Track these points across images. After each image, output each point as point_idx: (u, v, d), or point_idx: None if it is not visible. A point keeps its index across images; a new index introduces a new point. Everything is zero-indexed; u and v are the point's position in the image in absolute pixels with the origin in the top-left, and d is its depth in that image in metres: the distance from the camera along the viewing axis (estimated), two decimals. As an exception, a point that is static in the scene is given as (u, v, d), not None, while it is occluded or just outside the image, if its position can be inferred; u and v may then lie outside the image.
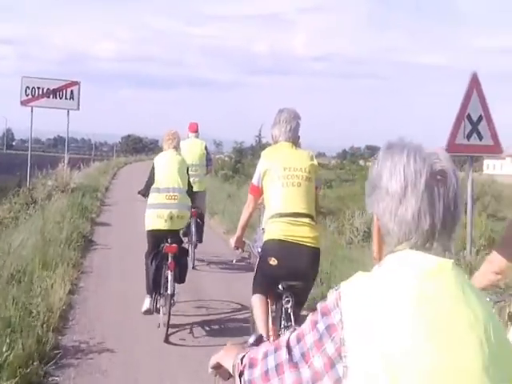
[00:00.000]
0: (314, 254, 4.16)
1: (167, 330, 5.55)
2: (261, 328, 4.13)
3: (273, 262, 4.09)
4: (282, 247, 4.11)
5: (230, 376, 1.55)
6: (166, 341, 5.52)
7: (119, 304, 6.75)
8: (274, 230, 4.16)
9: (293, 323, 3.97)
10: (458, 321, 1.23)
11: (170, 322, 5.64)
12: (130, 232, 10.29)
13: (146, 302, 5.97)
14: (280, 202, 4.17)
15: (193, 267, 8.33)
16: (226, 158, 34.23)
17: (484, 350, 1.22)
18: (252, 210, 4.55)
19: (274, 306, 4.34)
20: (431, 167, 1.30)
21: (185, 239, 8.77)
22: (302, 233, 4.11)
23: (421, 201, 1.29)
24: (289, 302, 4.11)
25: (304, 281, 4.16)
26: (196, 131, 9.47)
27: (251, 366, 1.41)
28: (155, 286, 5.87)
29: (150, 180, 6.14)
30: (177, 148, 6.37)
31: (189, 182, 6.29)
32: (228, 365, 1.53)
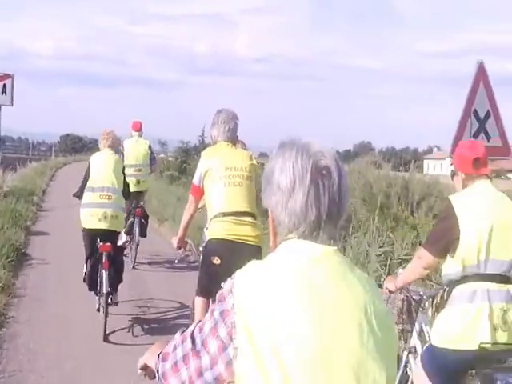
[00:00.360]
0: (257, 252, 4.18)
1: (105, 329, 5.59)
2: None
3: (216, 261, 4.13)
4: (224, 246, 4.16)
5: (155, 376, 1.59)
6: (106, 340, 5.57)
7: (59, 335, 5.72)
8: (216, 229, 4.23)
9: None
10: (341, 305, 1.37)
11: (112, 322, 5.71)
12: (70, 241, 8.73)
13: (96, 301, 6.02)
14: (222, 202, 4.25)
15: (133, 267, 8.37)
16: (171, 158, 33.56)
17: (364, 331, 1.36)
18: (193, 211, 4.58)
19: None
20: (317, 163, 1.42)
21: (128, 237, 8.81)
22: (244, 232, 4.19)
23: (307, 194, 1.41)
24: None
25: None
26: (139, 130, 9.31)
27: (164, 359, 1.51)
28: (92, 286, 5.92)
29: (86, 179, 6.09)
30: (112, 147, 6.30)
31: (125, 181, 6.25)
32: (152, 364, 1.59)
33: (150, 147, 9.27)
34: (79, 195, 6.13)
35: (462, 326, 3.13)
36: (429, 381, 3.30)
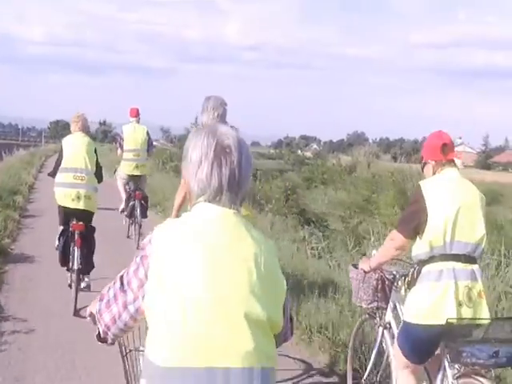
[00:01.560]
0: None
1: (75, 304, 5.89)
2: None
3: None
4: None
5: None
6: (76, 314, 5.84)
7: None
8: None
9: None
10: (232, 255, 1.74)
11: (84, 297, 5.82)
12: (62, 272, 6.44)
13: (67, 277, 6.40)
14: None
15: (137, 248, 8.53)
16: (171, 147, 33.21)
17: (253, 277, 1.73)
18: (185, 193, 4.69)
19: None
20: (221, 143, 1.81)
21: (131, 220, 9.78)
22: None
23: (211, 166, 1.80)
24: None
25: None
26: (137, 116, 9.86)
27: (101, 299, 1.89)
28: (64, 262, 6.28)
29: (59, 160, 6.49)
30: (83, 130, 6.67)
31: (97, 163, 6.55)
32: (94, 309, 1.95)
33: (147, 133, 9.81)
34: (53, 174, 6.53)
35: (429, 302, 3.39)
36: (405, 359, 3.57)
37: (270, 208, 14.98)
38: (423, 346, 3.50)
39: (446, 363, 3.38)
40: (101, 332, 1.91)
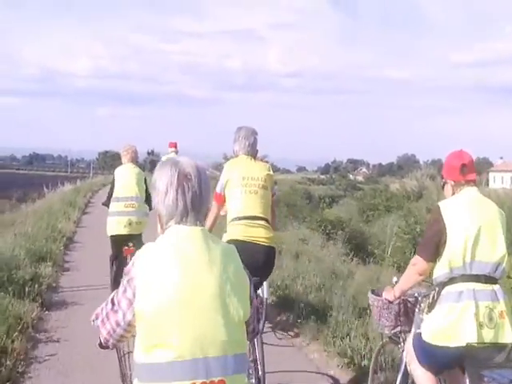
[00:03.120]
0: (270, 251, 4.92)
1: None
2: None
3: None
4: (240, 246, 4.53)
5: None
6: None
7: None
8: (233, 231, 4.87)
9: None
10: (203, 263, 2.14)
11: None
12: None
13: None
14: (239, 207, 4.91)
15: None
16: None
17: (223, 277, 2.14)
18: (216, 216, 5.18)
19: None
20: (182, 172, 2.22)
21: None
22: (258, 233, 4.84)
23: (176, 192, 2.20)
24: None
25: (261, 276, 4.82)
26: (175, 147, 11.42)
27: (96, 318, 2.30)
28: (116, 287, 6.53)
29: (112, 190, 7.24)
30: (133, 161, 7.38)
31: (147, 191, 7.17)
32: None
33: None
34: (107, 204, 7.29)
35: (448, 323, 3.43)
36: (422, 368, 3.63)
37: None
38: (439, 364, 3.54)
39: None
40: (102, 343, 2.32)
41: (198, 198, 2.22)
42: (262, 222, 4.88)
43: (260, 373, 4.44)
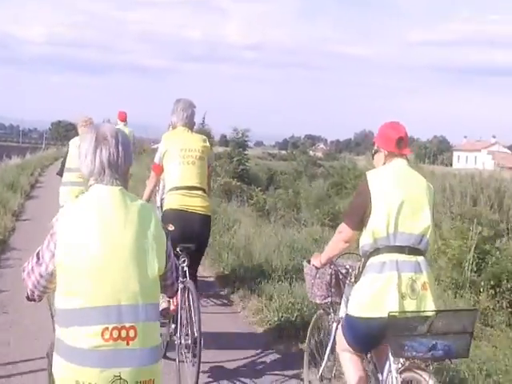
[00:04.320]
0: (206, 220, 5.31)
1: None
2: None
3: (170, 227, 4.98)
4: (177, 215, 5.16)
5: None
6: None
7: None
8: (171, 200, 5.25)
9: (188, 279, 4.97)
10: (120, 220, 2.43)
11: None
12: None
13: None
14: (176, 178, 5.25)
15: None
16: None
17: (139, 233, 2.44)
18: (154, 185, 5.63)
19: None
20: (100, 134, 2.53)
21: None
22: (194, 203, 5.20)
23: (93, 152, 2.51)
24: (184, 261, 5.04)
25: (197, 243, 5.19)
26: (124, 120, 11.33)
27: (23, 271, 2.55)
28: None
29: (64, 160, 7.58)
30: None
31: None
32: None
33: (133, 136, 11.17)
34: (61, 174, 7.66)
35: (371, 294, 3.56)
36: (347, 345, 3.80)
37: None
38: (365, 338, 3.68)
39: (391, 357, 3.51)
40: (28, 295, 2.60)
41: (115, 158, 2.50)
42: (199, 192, 5.25)
43: (196, 334, 4.67)
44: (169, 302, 5.13)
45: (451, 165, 79.79)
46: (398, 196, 3.62)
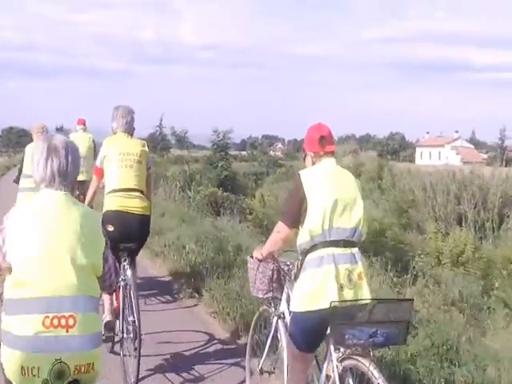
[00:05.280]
0: (144, 219, 5.66)
1: None
2: None
3: (110, 228, 5.30)
4: (116, 216, 5.49)
5: None
6: None
7: None
8: (110, 202, 5.57)
9: (129, 276, 5.38)
10: (61, 223, 2.79)
11: None
12: None
13: None
14: (115, 180, 5.59)
15: None
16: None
17: (77, 235, 2.79)
18: (96, 188, 5.94)
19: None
20: (52, 145, 2.90)
21: None
22: (132, 203, 5.55)
23: (45, 162, 2.88)
24: (125, 260, 5.48)
25: (136, 242, 5.64)
26: (84, 124, 11.61)
27: None
28: None
29: (21, 167, 7.87)
30: None
31: None
32: None
33: (93, 141, 11.17)
34: (17, 181, 7.96)
35: (311, 288, 3.74)
36: (297, 350, 3.93)
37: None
38: (312, 332, 3.83)
39: (332, 347, 3.68)
40: None
41: (64, 168, 2.88)
42: (137, 194, 5.60)
43: (137, 326, 5.08)
44: (114, 315, 5.56)
45: (414, 161, 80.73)
46: (330, 194, 3.82)
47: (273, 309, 4.51)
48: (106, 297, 5.51)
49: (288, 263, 4.35)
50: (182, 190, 20.14)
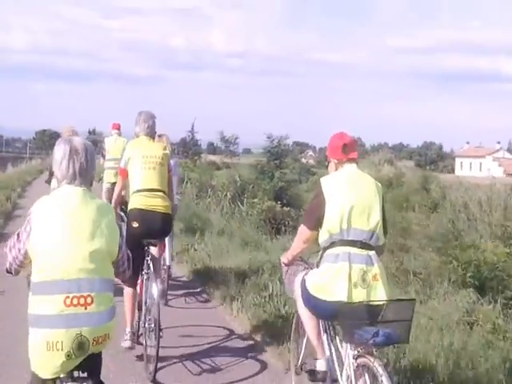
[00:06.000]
0: (166, 217, 6.17)
1: None
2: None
3: (135, 224, 5.98)
4: (141, 214, 6.05)
5: None
6: None
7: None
8: (135, 201, 6.08)
9: (151, 270, 5.85)
10: (82, 213, 3.22)
11: None
12: None
13: None
14: (139, 181, 6.12)
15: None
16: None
17: (95, 225, 3.23)
18: (121, 188, 6.46)
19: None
20: (73, 147, 3.32)
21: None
22: (155, 202, 6.07)
23: (68, 162, 3.30)
24: (149, 255, 5.96)
25: (160, 238, 6.30)
26: (118, 129, 12.36)
27: (6, 246, 3.29)
28: None
29: (51, 168, 8.03)
30: None
31: None
32: None
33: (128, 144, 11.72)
34: (48, 182, 8.32)
35: (325, 281, 4.05)
36: (311, 314, 4.32)
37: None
38: (318, 314, 4.23)
39: (348, 344, 3.97)
40: (7, 267, 3.32)
41: (85, 168, 3.31)
42: (160, 193, 6.12)
43: (156, 323, 5.54)
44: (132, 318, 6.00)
45: (454, 171, 79.86)
46: (349, 197, 4.12)
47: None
48: (127, 308, 5.94)
49: (315, 262, 4.52)
50: (231, 201, 17.82)
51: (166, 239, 8.17)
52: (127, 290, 5.93)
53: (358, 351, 3.90)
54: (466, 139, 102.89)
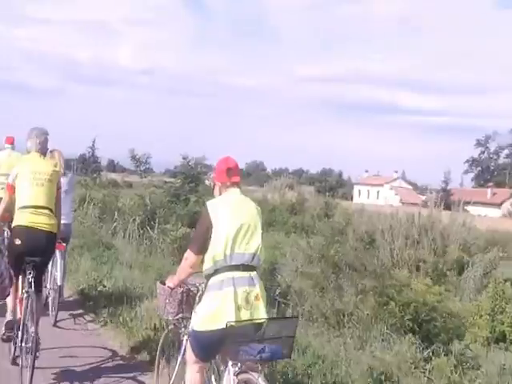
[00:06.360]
0: (50, 236, 6.10)
1: None
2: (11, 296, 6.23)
3: (17, 242, 5.95)
4: (24, 231, 6.01)
5: None
6: None
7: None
8: (19, 218, 6.05)
9: (32, 289, 5.82)
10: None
11: None
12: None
13: None
14: (26, 197, 6.08)
15: None
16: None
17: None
18: (6, 204, 6.32)
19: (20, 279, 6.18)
20: None
21: None
22: (40, 220, 6.02)
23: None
24: (30, 273, 5.94)
25: (42, 257, 6.08)
26: (12, 143, 11.75)
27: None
28: None
29: None
30: None
31: None
32: None
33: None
34: None
35: (212, 309, 4.31)
36: (194, 357, 4.52)
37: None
38: (209, 348, 4.41)
39: (230, 362, 4.21)
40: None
41: None
42: (46, 211, 6.09)
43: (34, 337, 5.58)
44: (15, 315, 6.12)
45: (352, 199, 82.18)
46: (233, 222, 4.42)
47: (183, 328, 5.00)
48: (9, 299, 6.12)
49: (197, 284, 4.83)
50: (140, 226, 16.53)
51: (58, 259, 8.29)
52: (9, 299, 6.17)
53: (239, 367, 4.15)
54: (365, 168, 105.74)
